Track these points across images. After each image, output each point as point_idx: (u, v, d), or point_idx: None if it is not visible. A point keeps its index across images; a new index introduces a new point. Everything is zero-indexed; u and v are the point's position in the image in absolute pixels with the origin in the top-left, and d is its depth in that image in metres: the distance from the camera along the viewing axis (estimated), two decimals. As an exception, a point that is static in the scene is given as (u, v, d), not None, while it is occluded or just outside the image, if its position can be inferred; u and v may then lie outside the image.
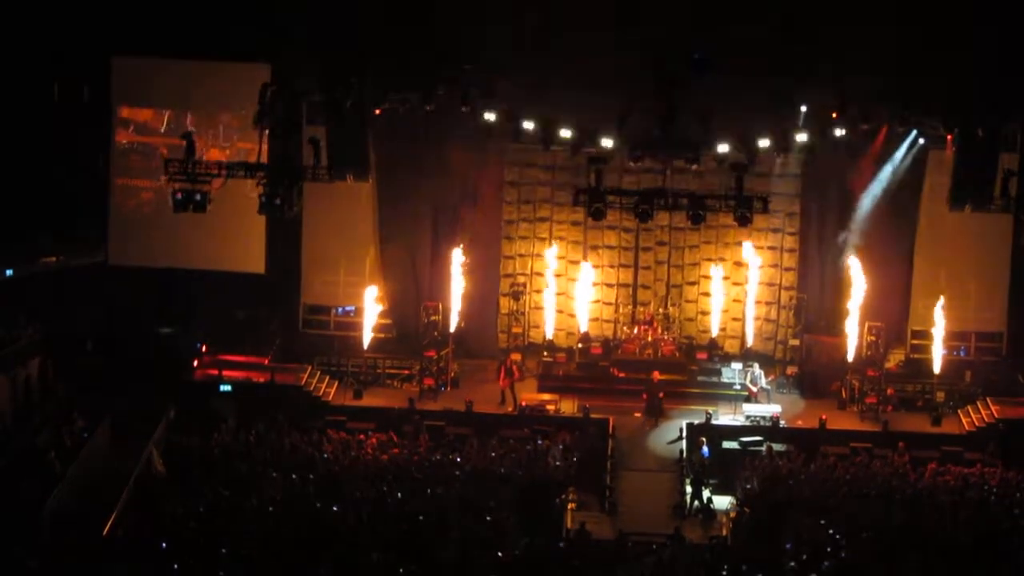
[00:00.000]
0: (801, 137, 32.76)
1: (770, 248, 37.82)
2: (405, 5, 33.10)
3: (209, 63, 35.22)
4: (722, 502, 29.85)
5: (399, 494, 27.27)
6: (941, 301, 35.06)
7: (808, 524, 26.32)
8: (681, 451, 31.74)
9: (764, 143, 32.29)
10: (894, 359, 36.84)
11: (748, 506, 28.52)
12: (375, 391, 35.18)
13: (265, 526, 24.92)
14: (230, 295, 36.36)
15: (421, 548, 23.92)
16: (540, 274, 38.24)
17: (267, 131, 30.80)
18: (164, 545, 23.66)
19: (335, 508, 26.03)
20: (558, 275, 37.90)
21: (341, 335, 37.19)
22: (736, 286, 38.01)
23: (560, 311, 38.02)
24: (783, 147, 33.32)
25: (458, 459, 29.79)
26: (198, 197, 30.34)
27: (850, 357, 35.09)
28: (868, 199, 36.25)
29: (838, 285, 36.79)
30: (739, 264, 37.84)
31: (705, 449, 30.87)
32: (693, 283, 38.45)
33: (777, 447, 31.45)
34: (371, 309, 35.71)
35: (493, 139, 34.91)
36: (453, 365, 35.91)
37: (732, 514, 29.00)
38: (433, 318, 35.58)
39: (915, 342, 37.09)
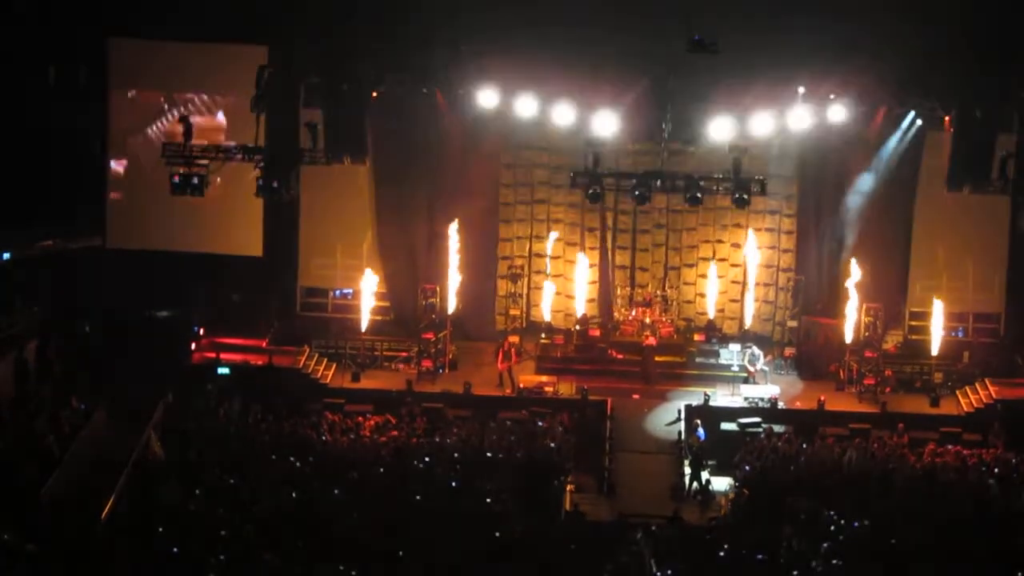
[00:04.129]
0: (799, 119, 32.67)
1: (768, 230, 37.70)
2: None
3: (206, 45, 35.00)
4: (721, 484, 29.90)
5: (398, 475, 27.29)
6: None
7: (807, 505, 26.35)
8: (679, 433, 31.78)
9: (762, 125, 32.20)
10: (892, 340, 36.87)
11: (747, 488, 28.56)
12: (373, 373, 35.20)
13: (264, 509, 24.93)
14: (228, 278, 36.37)
15: (419, 530, 23.93)
16: (538, 256, 38.21)
17: (264, 114, 30.74)
18: (162, 529, 23.66)
19: (335, 491, 26.05)
20: (556, 257, 37.86)
21: (339, 317, 37.23)
22: (734, 267, 37.97)
23: (558, 293, 37.94)
24: (781, 129, 33.21)
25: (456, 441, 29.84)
26: (196, 180, 30.39)
27: (848, 338, 35.12)
28: (866, 181, 36.17)
29: (836, 266, 36.78)
30: (737, 246, 37.78)
31: (701, 431, 30.90)
32: (691, 265, 38.36)
33: (776, 428, 31.49)
34: (369, 291, 35.71)
35: (490, 121, 34.75)
36: (451, 347, 35.91)
37: (731, 496, 29.04)
38: (431, 300, 35.58)
39: (913, 323, 37.09)
